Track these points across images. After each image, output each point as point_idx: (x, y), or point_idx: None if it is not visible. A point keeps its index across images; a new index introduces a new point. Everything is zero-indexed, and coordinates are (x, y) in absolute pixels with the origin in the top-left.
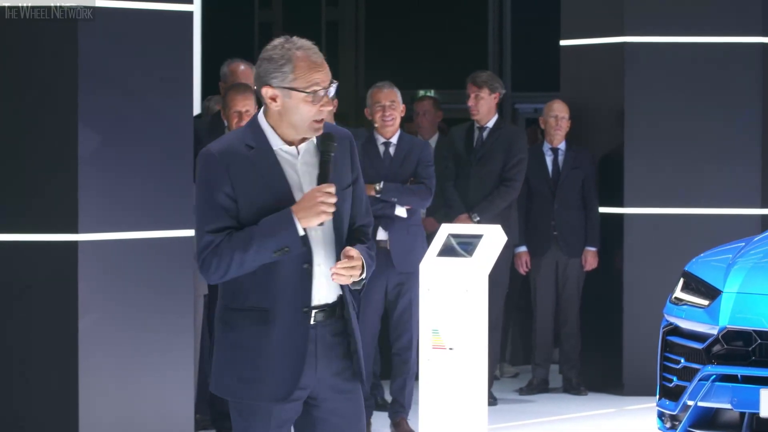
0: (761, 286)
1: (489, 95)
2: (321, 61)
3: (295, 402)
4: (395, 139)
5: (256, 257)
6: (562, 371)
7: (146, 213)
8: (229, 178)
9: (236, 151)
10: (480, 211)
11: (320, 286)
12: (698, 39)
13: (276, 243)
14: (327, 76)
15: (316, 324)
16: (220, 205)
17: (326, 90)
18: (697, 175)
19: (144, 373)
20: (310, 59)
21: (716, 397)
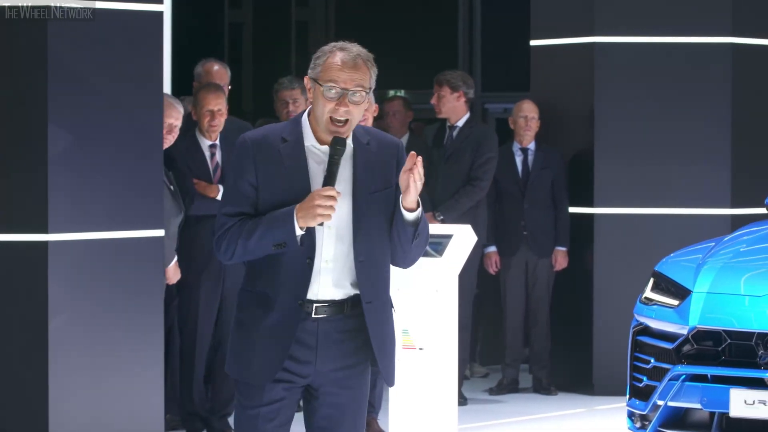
0: (731, 286)
1: (450, 94)
2: (353, 64)
3: (286, 384)
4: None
5: (257, 247)
6: (532, 371)
7: (116, 213)
8: (254, 168)
9: (269, 143)
10: (444, 210)
11: (326, 282)
12: (668, 39)
13: (275, 237)
14: (352, 79)
15: (318, 319)
16: (241, 191)
17: (343, 90)
18: (667, 175)
19: (114, 373)
20: (342, 58)
21: (686, 397)
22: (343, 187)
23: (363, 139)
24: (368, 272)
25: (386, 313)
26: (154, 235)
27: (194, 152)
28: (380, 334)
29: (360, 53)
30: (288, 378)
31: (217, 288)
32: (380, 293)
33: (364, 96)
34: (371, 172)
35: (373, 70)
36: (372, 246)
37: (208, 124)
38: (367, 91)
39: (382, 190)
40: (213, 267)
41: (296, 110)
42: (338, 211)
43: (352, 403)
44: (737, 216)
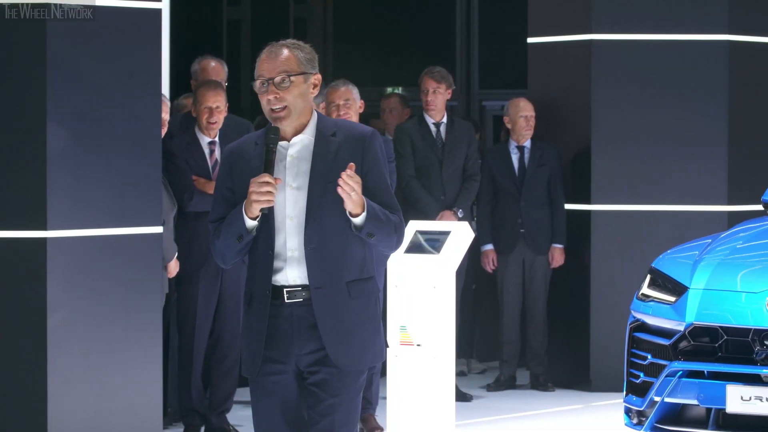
0: (727, 282)
1: (446, 90)
2: (275, 54)
3: (278, 375)
4: None
5: (226, 244)
6: (530, 368)
7: (115, 210)
8: (231, 174)
9: (243, 149)
10: (462, 207)
11: (293, 269)
12: (665, 36)
13: (234, 232)
14: (274, 67)
15: (292, 304)
16: (223, 197)
17: (268, 80)
18: (664, 172)
19: (113, 370)
20: (265, 52)
21: (683, 393)
22: (302, 179)
23: (328, 131)
24: (320, 259)
25: (340, 300)
26: (153, 231)
27: (193, 149)
28: (330, 318)
29: (285, 42)
30: (276, 370)
31: (215, 285)
32: (333, 280)
33: (292, 80)
34: (330, 163)
35: (300, 53)
36: (325, 233)
37: (207, 121)
38: (293, 75)
39: (336, 182)
40: (211, 264)
41: None
42: (299, 202)
43: (336, 381)
44: (734, 213)
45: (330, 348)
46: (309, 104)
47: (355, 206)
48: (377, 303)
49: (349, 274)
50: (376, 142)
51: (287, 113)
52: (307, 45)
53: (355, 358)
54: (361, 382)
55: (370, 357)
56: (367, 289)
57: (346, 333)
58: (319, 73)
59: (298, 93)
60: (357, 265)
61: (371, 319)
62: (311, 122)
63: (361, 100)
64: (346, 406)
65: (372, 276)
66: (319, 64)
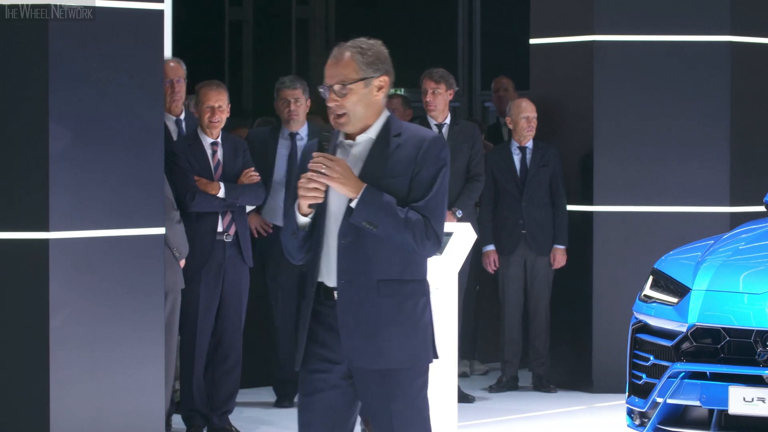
0: (730, 283)
1: (446, 91)
2: (335, 60)
3: (324, 374)
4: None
5: (286, 239)
6: (532, 369)
7: (117, 211)
8: (303, 170)
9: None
10: (462, 207)
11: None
12: (667, 37)
13: (290, 227)
14: (334, 75)
15: (334, 303)
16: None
17: (328, 87)
18: (666, 173)
19: (114, 370)
20: (331, 56)
21: (685, 394)
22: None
23: (394, 131)
24: (352, 253)
25: (367, 296)
26: (155, 232)
27: (196, 149)
28: (352, 314)
29: (349, 45)
30: (322, 368)
31: (217, 285)
32: (362, 275)
33: (350, 88)
34: (382, 163)
35: (360, 57)
36: (361, 229)
37: (209, 121)
38: (350, 83)
39: (390, 177)
40: (213, 264)
41: (297, 110)
42: (343, 198)
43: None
44: (736, 214)
45: (346, 343)
46: (373, 107)
47: (342, 188)
48: (417, 307)
49: (383, 272)
50: (435, 147)
51: (346, 120)
52: (373, 45)
53: (374, 356)
54: (421, 383)
55: (396, 358)
56: (403, 291)
57: (368, 330)
58: (385, 75)
59: (357, 99)
60: (396, 265)
61: (404, 321)
62: (377, 122)
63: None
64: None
65: (417, 279)
66: (322, 65)
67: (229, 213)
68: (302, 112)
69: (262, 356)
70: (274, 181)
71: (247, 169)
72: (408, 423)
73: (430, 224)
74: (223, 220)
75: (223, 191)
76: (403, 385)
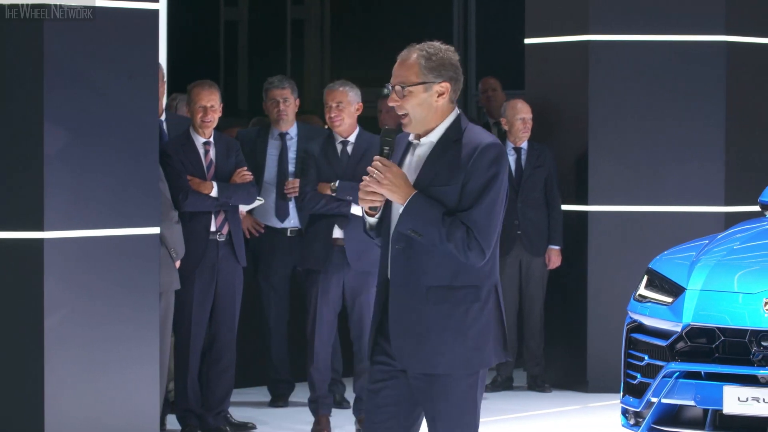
0: (724, 283)
1: None
2: (401, 61)
3: (387, 366)
4: (353, 138)
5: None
6: (527, 369)
7: (112, 210)
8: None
9: (399, 142)
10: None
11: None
12: (662, 37)
13: (364, 225)
14: (397, 75)
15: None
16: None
17: (391, 86)
18: (661, 173)
19: (110, 371)
20: (400, 55)
21: (680, 394)
22: (413, 179)
23: (455, 136)
24: (404, 259)
25: (416, 303)
26: (150, 232)
27: (188, 149)
28: (402, 320)
29: (419, 47)
30: (386, 361)
31: (210, 285)
32: (412, 282)
33: (409, 90)
34: (438, 168)
35: (424, 62)
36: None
37: (201, 120)
38: (409, 85)
39: (441, 185)
40: (206, 264)
41: (286, 109)
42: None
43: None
44: (731, 213)
45: (395, 345)
46: (435, 111)
47: (391, 195)
48: (469, 313)
49: (432, 279)
50: (486, 155)
51: (408, 120)
52: (440, 51)
53: (420, 362)
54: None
55: (441, 364)
56: (453, 298)
57: (415, 336)
58: (447, 82)
59: (416, 102)
60: (447, 271)
61: (453, 327)
62: (441, 125)
63: (359, 102)
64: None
65: (469, 285)
66: (317, 65)
67: (222, 212)
68: (291, 111)
69: (256, 356)
70: (265, 182)
71: (240, 169)
72: (453, 425)
73: (473, 235)
74: (216, 219)
75: (216, 191)
76: (448, 387)
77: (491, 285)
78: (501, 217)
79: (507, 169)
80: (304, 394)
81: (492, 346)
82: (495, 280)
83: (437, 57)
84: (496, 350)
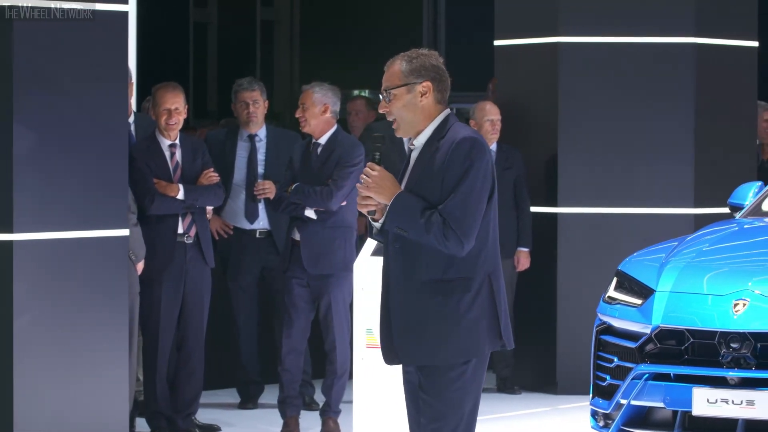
0: (694, 285)
1: None
2: (387, 68)
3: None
4: (324, 140)
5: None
6: (496, 371)
7: (81, 212)
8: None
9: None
10: None
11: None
12: (632, 39)
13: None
14: (384, 81)
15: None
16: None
17: (380, 93)
18: (631, 175)
19: (79, 372)
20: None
21: (649, 396)
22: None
23: (440, 135)
24: (401, 258)
25: (413, 298)
26: (119, 234)
27: (154, 152)
28: (401, 315)
29: (401, 55)
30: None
31: (178, 288)
32: (408, 278)
33: (393, 94)
34: (423, 168)
35: (405, 65)
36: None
37: (166, 123)
38: (392, 89)
39: (426, 183)
40: (174, 267)
41: (256, 111)
42: None
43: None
44: (700, 215)
45: (396, 341)
46: (421, 112)
47: (379, 197)
48: (461, 303)
49: (426, 273)
50: (461, 148)
51: (397, 125)
52: (421, 55)
53: (422, 353)
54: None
55: (447, 353)
56: (445, 289)
57: (414, 329)
58: (428, 81)
59: (402, 105)
60: (439, 264)
61: (446, 318)
62: (429, 127)
63: (326, 103)
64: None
65: (460, 277)
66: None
67: (189, 214)
68: (261, 113)
69: (226, 358)
70: (234, 184)
71: (206, 170)
72: (438, 415)
73: (449, 225)
74: (184, 221)
75: (183, 193)
76: (432, 377)
77: (484, 275)
78: (481, 206)
79: (487, 160)
80: (274, 396)
81: (485, 335)
82: (489, 270)
83: (418, 60)
84: (490, 339)
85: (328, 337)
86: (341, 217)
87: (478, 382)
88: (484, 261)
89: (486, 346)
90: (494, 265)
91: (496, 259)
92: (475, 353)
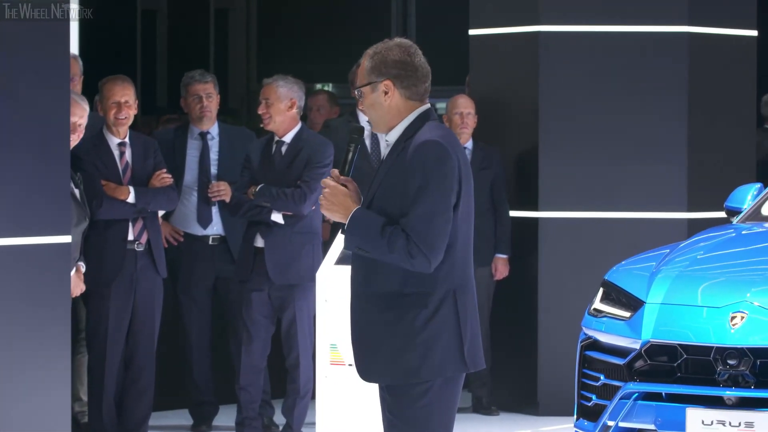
0: (687, 296)
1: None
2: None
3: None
4: (289, 138)
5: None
6: (471, 389)
7: (21, 219)
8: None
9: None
10: None
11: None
12: (619, 28)
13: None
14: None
15: None
16: None
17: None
18: (618, 176)
19: (19, 385)
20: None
21: (639, 417)
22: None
23: (407, 135)
24: (362, 268)
25: (370, 310)
26: (61, 241)
27: (101, 151)
28: (358, 328)
29: (370, 48)
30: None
31: (128, 299)
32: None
33: (362, 92)
34: (388, 171)
35: (368, 63)
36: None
37: (115, 118)
38: (358, 88)
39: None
40: (124, 276)
41: (210, 105)
42: None
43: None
44: (694, 220)
45: (355, 356)
46: (389, 111)
47: (332, 216)
48: (417, 320)
49: (383, 285)
50: (419, 154)
51: (374, 124)
52: (381, 51)
53: (375, 371)
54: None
55: (399, 372)
56: (402, 303)
57: (369, 344)
58: (388, 80)
59: (369, 104)
60: (396, 277)
61: (401, 334)
62: (401, 125)
63: (293, 98)
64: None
65: (418, 291)
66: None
67: (140, 220)
68: (214, 108)
69: (177, 376)
70: (185, 186)
71: (159, 171)
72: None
73: (413, 241)
74: (134, 227)
75: (133, 196)
76: (395, 395)
77: (446, 291)
78: (446, 216)
79: (451, 165)
80: (230, 417)
81: (445, 355)
82: (454, 285)
83: (378, 56)
84: (451, 359)
85: (290, 353)
86: (308, 222)
87: (446, 402)
88: (447, 275)
89: (447, 367)
90: (462, 280)
91: (464, 272)
92: (430, 375)
